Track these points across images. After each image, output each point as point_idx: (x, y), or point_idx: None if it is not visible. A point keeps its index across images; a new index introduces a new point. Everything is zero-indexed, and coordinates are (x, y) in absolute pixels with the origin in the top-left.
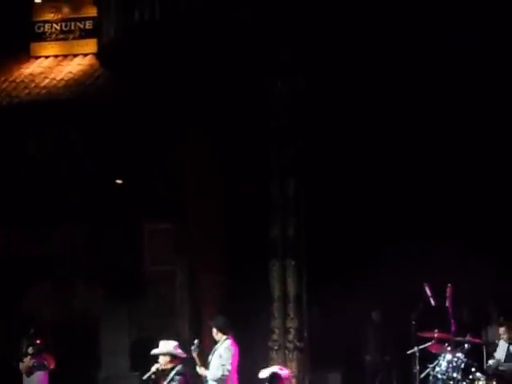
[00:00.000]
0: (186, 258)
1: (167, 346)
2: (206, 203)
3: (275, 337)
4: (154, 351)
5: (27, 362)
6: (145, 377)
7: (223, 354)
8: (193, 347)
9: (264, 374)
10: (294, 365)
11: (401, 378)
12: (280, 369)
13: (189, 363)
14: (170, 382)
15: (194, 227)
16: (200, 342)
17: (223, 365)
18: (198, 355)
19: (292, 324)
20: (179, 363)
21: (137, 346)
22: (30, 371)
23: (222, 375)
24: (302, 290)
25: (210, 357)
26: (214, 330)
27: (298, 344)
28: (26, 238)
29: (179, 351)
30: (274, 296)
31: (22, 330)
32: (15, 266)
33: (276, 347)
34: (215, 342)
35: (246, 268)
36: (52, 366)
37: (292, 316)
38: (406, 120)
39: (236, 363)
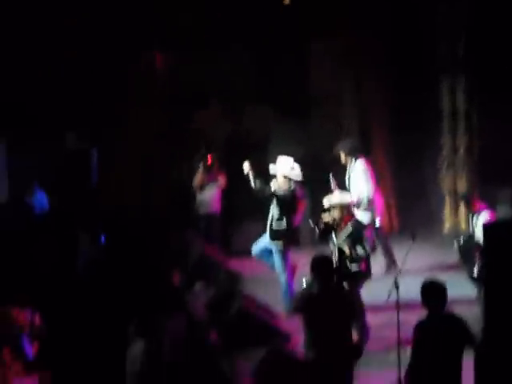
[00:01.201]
0: (354, 75)
1: (345, 197)
2: (372, 25)
3: (445, 154)
4: (329, 201)
5: (199, 177)
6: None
7: (359, 177)
8: (330, 180)
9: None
10: (463, 181)
11: None
12: None
13: None
14: (354, 239)
15: (361, 45)
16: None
17: (364, 187)
18: (336, 185)
19: (462, 141)
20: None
21: (305, 165)
22: (202, 187)
23: (368, 198)
24: (472, 106)
25: (346, 181)
26: (342, 155)
27: (468, 161)
28: (197, 60)
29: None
30: (444, 112)
31: (195, 149)
32: (186, 90)
33: (446, 164)
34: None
35: (416, 84)
36: (223, 184)
37: (462, 132)
38: None
39: (375, 181)
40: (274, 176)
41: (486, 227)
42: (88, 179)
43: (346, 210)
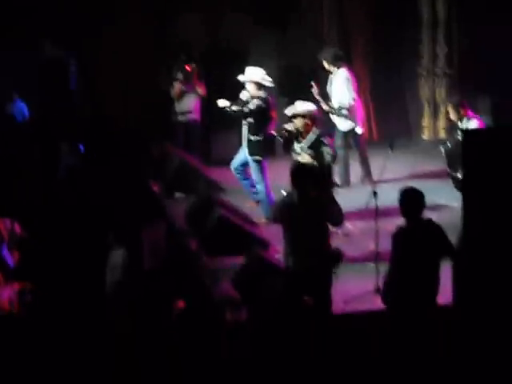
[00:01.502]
0: None
1: (305, 106)
2: None
3: (424, 63)
4: (292, 111)
5: (178, 86)
6: (276, 134)
7: (341, 85)
8: (312, 89)
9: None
10: (442, 91)
11: None
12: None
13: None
14: (316, 148)
15: None
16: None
17: (345, 95)
18: (319, 94)
19: (441, 50)
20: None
21: (285, 74)
22: (180, 96)
23: (349, 104)
24: (452, 15)
25: (327, 89)
26: (324, 62)
27: (447, 70)
28: None
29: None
30: (424, 20)
31: (173, 57)
32: None
33: (424, 73)
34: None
35: None
36: (202, 93)
37: (441, 41)
38: None
39: (357, 89)
40: (243, 87)
41: (467, 133)
42: (66, 88)
43: (309, 119)
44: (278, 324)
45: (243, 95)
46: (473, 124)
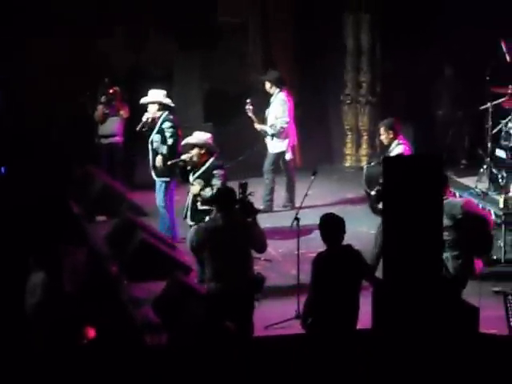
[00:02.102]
0: (259, 8)
1: (202, 136)
2: None
3: (348, 91)
4: (188, 140)
5: (100, 110)
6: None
7: (278, 107)
8: (247, 107)
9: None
10: (365, 119)
11: (473, 133)
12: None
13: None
14: (208, 176)
15: None
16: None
17: (280, 117)
18: (253, 112)
19: (365, 78)
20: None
21: (209, 98)
22: (104, 119)
23: (281, 127)
24: (376, 44)
25: (266, 111)
26: (267, 84)
27: (370, 98)
28: None
29: (212, 143)
30: (348, 49)
31: (97, 79)
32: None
33: (348, 101)
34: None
35: (320, 20)
36: (125, 115)
37: (365, 70)
38: None
39: (292, 115)
40: (146, 108)
41: (385, 159)
42: None
43: (205, 150)
44: (199, 348)
45: (145, 117)
46: (399, 149)
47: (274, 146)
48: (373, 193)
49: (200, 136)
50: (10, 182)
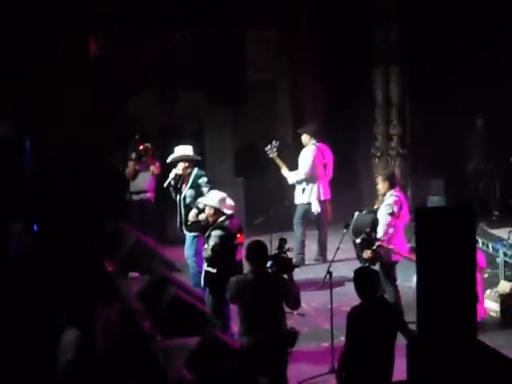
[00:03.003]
0: (288, 65)
1: (215, 197)
2: (308, 10)
3: (378, 143)
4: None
5: (131, 166)
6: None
7: (305, 157)
8: (269, 147)
9: (206, 200)
10: (397, 171)
11: (504, 183)
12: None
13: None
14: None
15: (296, 35)
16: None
17: (302, 168)
18: (278, 156)
19: (395, 131)
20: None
21: (240, 153)
22: (135, 175)
23: (300, 179)
24: (405, 97)
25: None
26: (305, 137)
27: (400, 151)
28: (129, 43)
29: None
30: (377, 102)
31: (128, 136)
32: (119, 72)
33: (379, 154)
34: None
35: (349, 74)
36: (156, 171)
37: (395, 122)
38: None
39: (329, 169)
40: (174, 165)
41: (417, 211)
42: (21, 166)
43: (214, 210)
44: None
45: (172, 173)
46: (390, 200)
47: (298, 197)
48: (358, 241)
49: (212, 199)
50: (43, 239)
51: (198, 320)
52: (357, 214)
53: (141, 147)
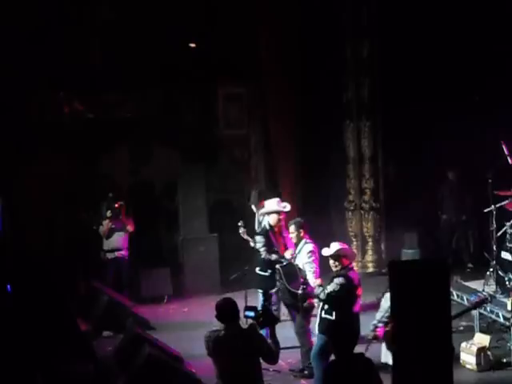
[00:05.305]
0: (260, 120)
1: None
2: (280, 67)
3: (351, 198)
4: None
5: (106, 225)
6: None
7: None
8: (240, 230)
9: (327, 251)
10: (370, 225)
11: (477, 236)
12: (342, 245)
13: None
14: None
15: (268, 91)
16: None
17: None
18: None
19: (367, 185)
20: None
21: (214, 209)
22: (109, 234)
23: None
24: (377, 151)
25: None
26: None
27: (373, 204)
28: (102, 102)
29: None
30: (349, 157)
31: (101, 194)
32: (92, 130)
33: (352, 208)
34: None
35: (320, 130)
36: (131, 229)
37: (367, 177)
38: None
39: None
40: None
41: (391, 264)
42: None
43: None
44: None
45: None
46: (309, 247)
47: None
48: (300, 291)
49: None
50: (17, 300)
51: (172, 378)
52: (279, 267)
53: (116, 205)
